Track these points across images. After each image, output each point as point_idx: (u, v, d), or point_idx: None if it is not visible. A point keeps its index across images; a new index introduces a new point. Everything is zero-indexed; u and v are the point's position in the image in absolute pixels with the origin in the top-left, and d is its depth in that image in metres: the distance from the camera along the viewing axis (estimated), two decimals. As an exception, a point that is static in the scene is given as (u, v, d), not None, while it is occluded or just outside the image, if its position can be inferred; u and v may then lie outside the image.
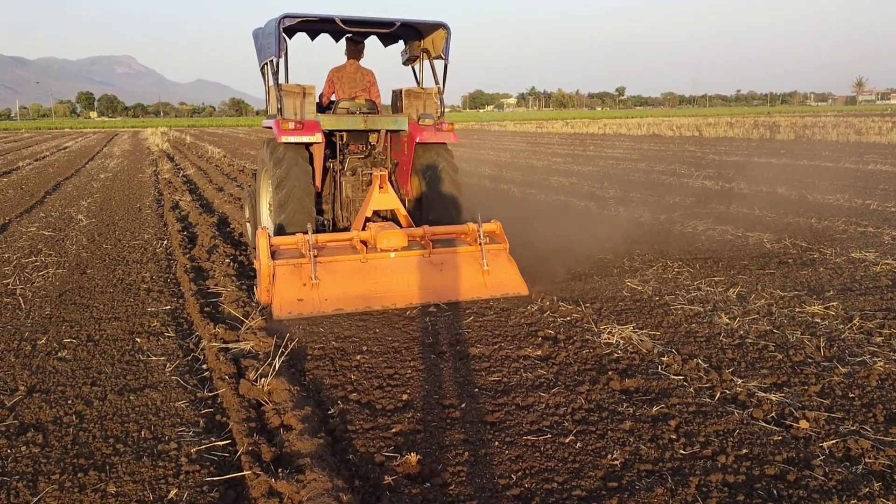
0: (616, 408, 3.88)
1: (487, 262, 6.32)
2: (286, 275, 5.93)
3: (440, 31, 7.27)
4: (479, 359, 4.67)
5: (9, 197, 14.08)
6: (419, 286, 6.15)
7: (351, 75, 7.59)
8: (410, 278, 6.17)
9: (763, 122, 46.79)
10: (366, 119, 7.20)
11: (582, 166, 19.57)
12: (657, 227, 9.44)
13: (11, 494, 3.07)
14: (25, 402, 4.06)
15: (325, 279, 5.95)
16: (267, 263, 5.92)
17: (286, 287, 5.87)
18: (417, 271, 6.24)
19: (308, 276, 5.92)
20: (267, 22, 7.15)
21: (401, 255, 6.26)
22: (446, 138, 7.29)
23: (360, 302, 5.95)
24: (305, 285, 5.90)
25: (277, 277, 5.91)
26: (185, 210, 11.62)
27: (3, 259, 7.96)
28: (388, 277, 6.14)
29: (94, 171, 20.57)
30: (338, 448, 3.51)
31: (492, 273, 6.34)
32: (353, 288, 6.01)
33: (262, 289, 5.96)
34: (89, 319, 5.66)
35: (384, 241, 6.20)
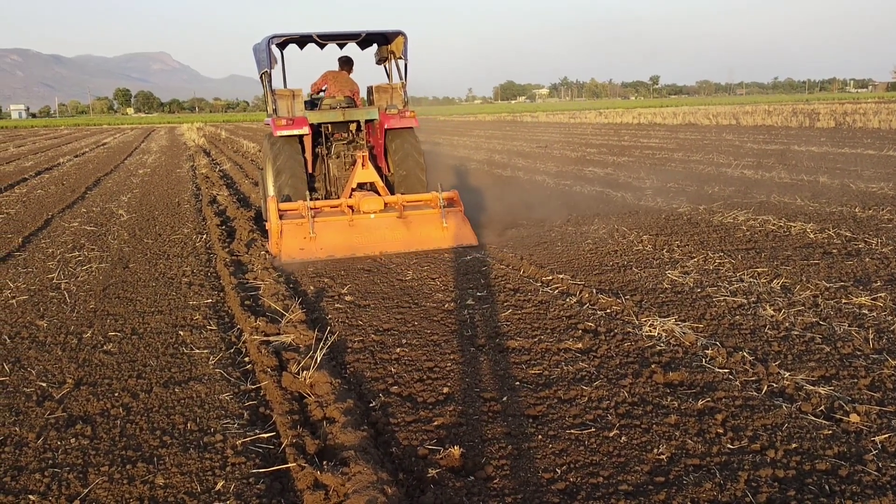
0: (660, 401, 3.83)
1: (446, 221, 8.11)
2: (291, 230, 7.69)
3: (400, 37, 8.99)
4: (519, 352, 4.65)
5: (51, 193, 14.36)
6: (393, 239, 7.96)
7: (342, 79, 9.53)
8: (386, 233, 7.98)
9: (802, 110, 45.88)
10: (344, 112, 9.03)
11: (617, 157, 19.37)
12: (696, 217, 9.31)
13: (63, 486, 3.13)
14: (73, 394, 4.14)
15: (320, 234, 7.75)
16: (276, 223, 7.70)
17: (290, 240, 7.65)
18: (391, 228, 8.04)
19: (307, 232, 7.68)
20: (261, 40, 8.86)
21: (379, 216, 8.05)
22: (409, 123, 8.92)
23: (348, 250, 7.75)
24: (305, 238, 7.68)
25: (284, 233, 7.67)
26: (223, 204, 11.76)
27: (47, 254, 8.13)
28: (369, 232, 7.94)
29: (132, 166, 20.90)
30: (381, 441, 3.52)
31: (449, 229, 8.10)
32: (342, 240, 7.82)
33: (273, 242, 7.76)
34: (133, 313, 5.75)
35: (366, 206, 7.99)
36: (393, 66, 9.48)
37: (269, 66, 8.59)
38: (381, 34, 9.12)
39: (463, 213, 8.27)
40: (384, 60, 9.59)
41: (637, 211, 10.03)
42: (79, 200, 13.10)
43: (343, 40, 9.30)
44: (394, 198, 8.23)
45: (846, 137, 23.66)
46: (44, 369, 4.54)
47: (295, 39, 9.03)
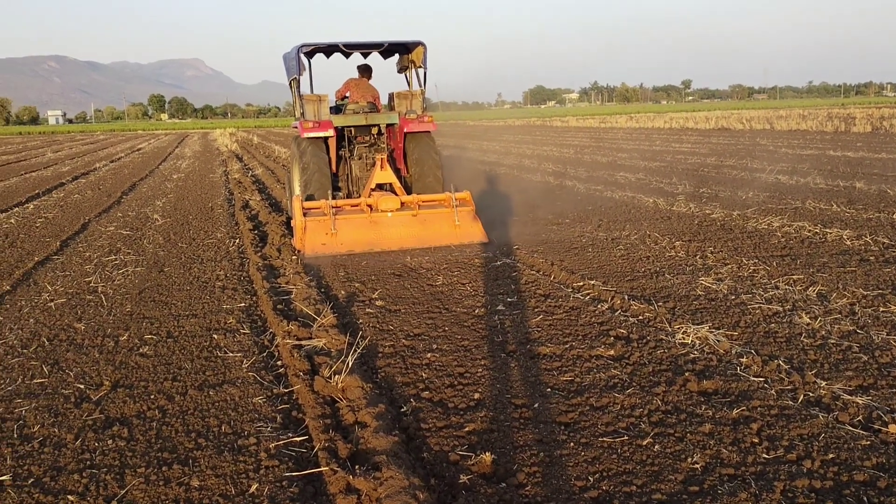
0: (694, 410, 3.79)
1: (458, 220, 8.61)
2: (314, 227, 8.24)
3: (420, 47, 9.50)
4: (550, 358, 4.63)
5: (87, 197, 14.63)
6: (408, 235, 8.46)
7: (363, 86, 10.06)
8: (402, 230, 8.49)
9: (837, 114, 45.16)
10: (366, 116, 9.61)
11: (648, 162, 19.22)
12: (730, 223, 9.20)
13: (100, 486, 3.19)
14: (110, 396, 4.21)
15: (341, 230, 8.30)
16: (301, 220, 8.23)
17: (314, 236, 8.21)
18: (407, 225, 8.54)
19: (329, 228, 8.24)
20: (291, 49, 9.44)
21: (396, 214, 8.55)
22: (427, 128, 9.50)
23: (366, 246, 8.30)
24: (327, 234, 8.24)
25: (308, 229, 8.22)
26: (255, 209, 11.88)
27: (84, 258, 8.28)
28: (386, 229, 8.46)
29: (167, 171, 21.21)
30: (412, 446, 3.53)
31: (461, 227, 8.61)
32: (361, 236, 8.35)
33: (297, 238, 8.31)
34: (168, 316, 5.83)
35: (383, 204, 8.51)
36: (413, 74, 9.98)
37: (297, 73, 9.21)
38: (402, 44, 9.63)
39: (475, 213, 8.76)
40: (405, 69, 10.09)
41: (669, 216, 9.95)
42: (115, 205, 13.32)
43: (367, 49, 9.89)
44: (410, 197, 8.76)
45: (883, 142, 23.23)
46: (81, 371, 4.63)
47: (322, 48, 9.66)
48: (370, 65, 10.29)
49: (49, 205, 13.52)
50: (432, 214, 8.67)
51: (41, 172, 21.94)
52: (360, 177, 9.90)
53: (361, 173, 9.89)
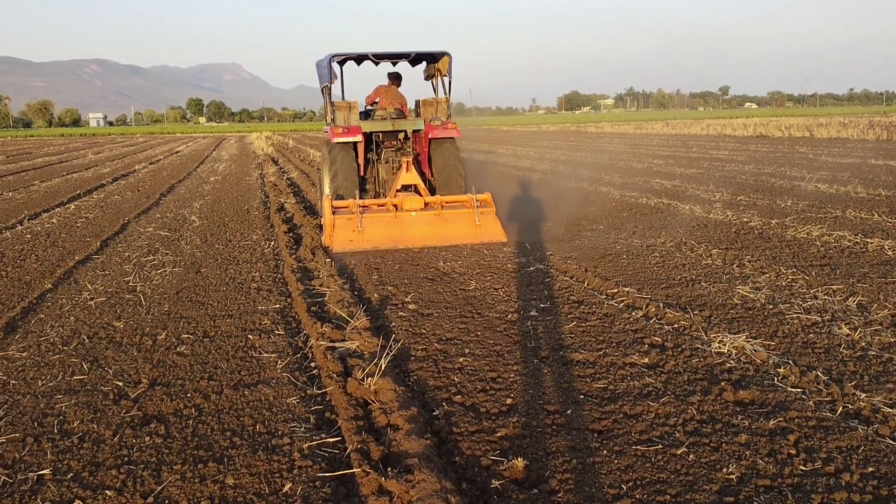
0: (730, 420, 3.74)
1: (479, 220, 9.00)
2: (342, 225, 8.72)
3: (445, 57, 10.06)
4: (583, 364, 4.61)
5: (127, 199, 14.90)
6: (431, 234, 8.89)
7: (392, 93, 10.68)
8: (425, 229, 8.91)
9: (879, 122, 44.25)
10: (393, 122, 10.23)
11: (685, 168, 19.02)
12: (768, 231, 9.06)
13: (137, 483, 3.24)
14: (148, 394, 4.28)
15: (367, 228, 8.75)
16: (330, 218, 8.74)
17: (342, 233, 8.68)
18: (430, 224, 8.96)
19: (356, 226, 8.70)
20: (323, 57, 9.94)
21: (419, 213, 8.97)
22: (451, 134, 9.97)
23: (391, 243, 8.73)
24: (354, 231, 8.70)
25: (336, 226, 8.70)
26: (290, 212, 12.00)
27: (124, 258, 8.43)
28: (410, 228, 8.89)
29: (204, 174, 21.52)
30: (444, 450, 3.53)
31: (481, 227, 9.00)
32: (386, 234, 8.79)
33: (327, 235, 8.79)
34: (205, 316, 5.92)
35: (408, 204, 8.95)
36: (439, 82, 10.53)
37: (329, 81, 9.77)
38: (429, 54, 10.19)
39: (495, 214, 9.14)
40: (431, 77, 10.66)
41: (706, 224, 9.83)
42: (153, 206, 13.55)
43: (396, 59, 10.54)
44: (433, 198, 9.24)
45: (928, 151, 22.69)
46: (120, 369, 4.71)
47: (353, 57, 10.31)
48: (400, 73, 10.84)
49: (90, 205, 13.80)
50: (454, 214, 9.07)
51: (82, 173, 22.40)
52: (386, 179, 10.47)
53: (388, 176, 10.46)
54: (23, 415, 4.00)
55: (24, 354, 5.02)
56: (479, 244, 8.74)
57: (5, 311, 6.15)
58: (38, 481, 3.26)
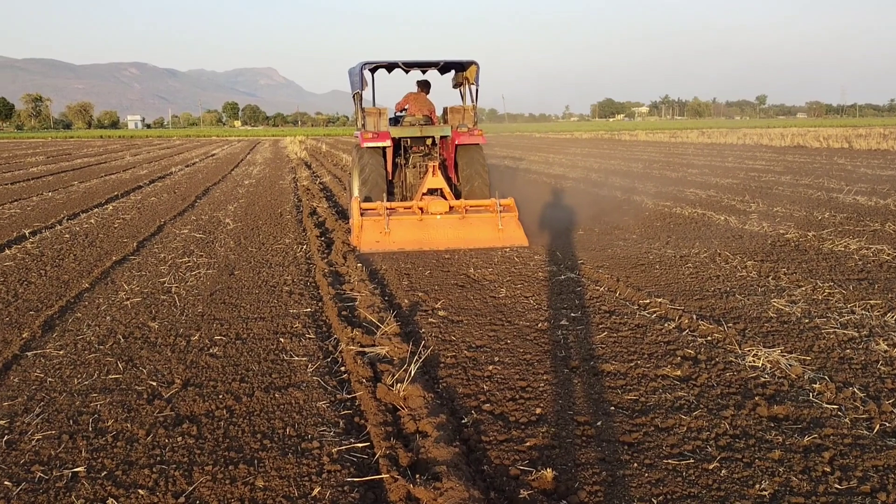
0: (764, 435, 3.68)
1: (501, 224, 9.22)
2: (369, 226, 9.07)
3: (473, 66, 10.42)
4: (614, 376, 4.57)
5: (164, 200, 15.13)
6: (454, 237, 9.16)
7: (421, 100, 11.01)
8: (449, 232, 9.18)
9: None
10: (421, 129, 10.57)
11: (720, 178, 18.80)
12: (805, 244, 8.92)
13: (170, 482, 3.28)
14: (181, 394, 4.34)
15: (394, 229, 9.07)
16: (358, 219, 9.09)
17: (369, 234, 9.03)
18: (454, 227, 9.22)
19: (383, 227, 9.04)
20: (355, 65, 10.29)
21: (444, 217, 9.26)
22: (477, 140, 10.29)
23: (416, 244, 9.02)
24: (381, 233, 9.03)
25: (364, 228, 9.05)
26: (322, 216, 12.09)
27: (159, 259, 8.56)
28: (435, 231, 9.16)
29: (238, 177, 21.77)
30: (472, 458, 3.53)
31: (504, 231, 9.21)
32: (412, 236, 9.09)
33: (355, 235, 9.11)
34: (237, 318, 5.98)
35: (433, 208, 9.26)
36: (467, 90, 10.92)
37: (360, 88, 10.18)
38: (457, 63, 10.54)
39: (517, 218, 9.36)
40: (459, 85, 11.02)
41: (741, 235, 9.70)
42: (189, 208, 13.74)
43: (425, 67, 10.85)
44: (458, 202, 9.50)
45: (972, 163, 22.15)
46: (154, 369, 4.78)
47: (384, 65, 10.62)
48: (429, 81, 11.24)
49: (127, 206, 14.03)
50: (478, 218, 9.34)
51: (120, 175, 22.80)
52: (413, 183, 10.84)
53: (415, 180, 10.80)
54: (59, 412, 4.08)
55: (62, 353, 5.12)
56: (502, 247, 8.95)
57: (44, 309, 6.28)
58: (72, 478, 3.32)
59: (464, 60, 10.45)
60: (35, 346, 5.26)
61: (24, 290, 6.99)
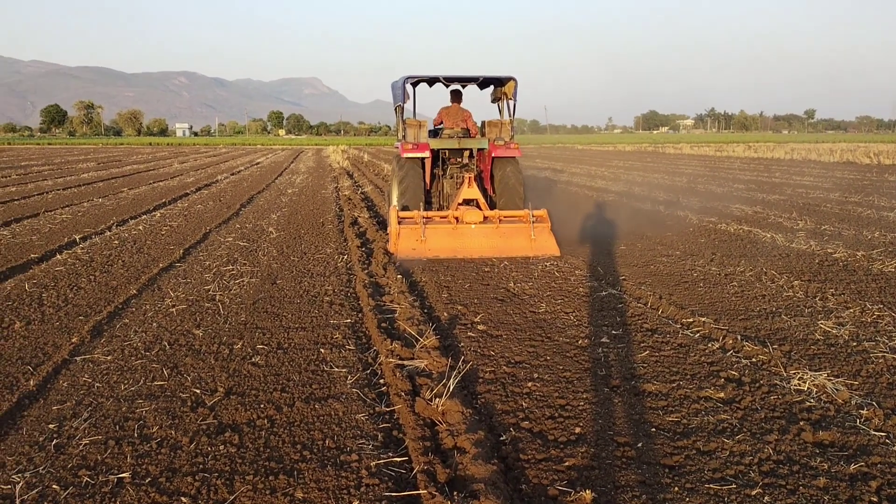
0: (808, 462, 3.60)
1: (534, 234, 9.50)
2: (406, 234, 9.40)
3: (511, 81, 10.72)
4: (656, 396, 4.51)
5: (209, 208, 15.40)
6: (488, 246, 9.48)
7: (454, 113, 11.30)
8: (483, 241, 9.50)
9: (979, 150, 42.02)
10: (459, 141, 10.93)
11: (767, 194, 18.47)
12: (853, 264, 8.71)
13: (211, 490, 3.33)
14: (223, 403, 4.40)
15: (429, 238, 9.40)
16: (396, 227, 9.47)
17: (405, 241, 9.34)
18: (488, 237, 9.54)
19: (419, 235, 9.36)
20: (398, 79, 10.70)
21: (478, 226, 9.58)
22: (513, 153, 10.68)
23: (450, 252, 9.32)
24: (417, 240, 9.36)
25: (401, 235, 9.37)
26: (364, 226, 12.18)
27: (204, 266, 8.71)
28: (469, 239, 9.49)
29: (282, 185, 22.06)
30: (510, 476, 3.51)
31: (536, 241, 9.49)
32: (446, 244, 9.40)
33: (392, 242, 9.48)
34: (279, 328, 6.06)
35: (468, 217, 9.60)
36: (505, 105, 11.28)
37: (402, 101, 10.57)
38: (496, 78, 10.94)
39: (550, 229, 9.64)
40: (498, 100, 11.38)
41: (788, 254, 9.51)
42: (234, 216, 13.97)
43: (465, 82, 11.25)
44: (492, 212, 9.83)
45: None
46: (198, 377, 4.86)
47: (425, 79, 11.13)
48: (460, 90, 11.54)
49: (174, 213, 14.32)
50: (511, 228, 9.63)
51: (168, 182, 23.29)
52: (450, 193, 11.21)
53: (452, 190, 11.18)
54: (106, 418, 4.17)
55: (109, 358, 5.24)
56: (534, 257, 9.27)
57: (93, 314, 6.43)
58: (117, 484, 3.39)
59: (502, 76, 10.80)
60: (84, 351, 5.40)
61: (74, 296, 7.17)
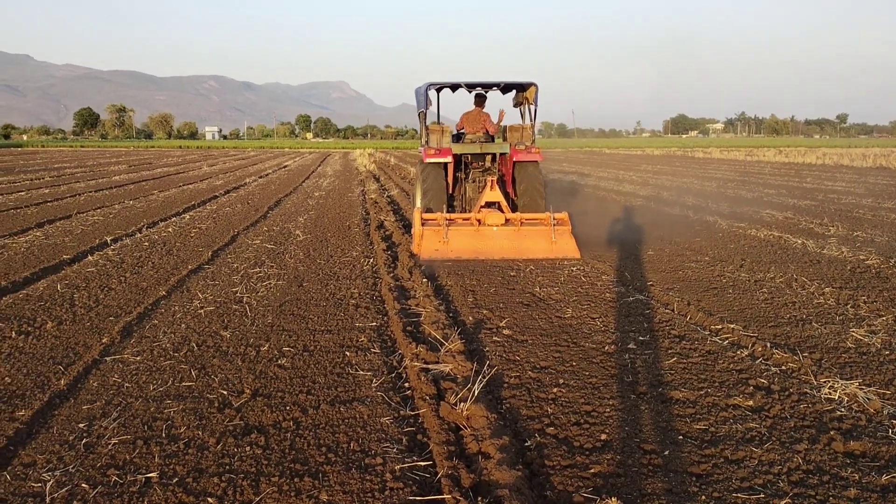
0: (839, 472, 3.54)
1: (555, 237, 9.67)
2: (430, 235, 9.65)
3: (532, 87, 11.02)
4: (683, 403, 4.46)
5: (237, 211, 15.55)
6: (509, 247, 9.65)
7: (475, 117, 11.57)
8: (504, 243, 9.70)
9: None
10: (481, 146, 11.18)
11: (798, 199, 18.22)
12: (886, 271, 8.55)
13: (237, 491, 3.36)
14: (250, 404, 4.44)
15: (452, 239, 9.64)
16: (419, 228, 9.73)
17: (429, 242, 9.59)
18: (509, 239, 9.72)
19: (442, 237, 9.62)
20: (421, 85, 11.02)
21: (500, 228, 9.77)
22: (534, 158, 10.90)
23: (472, 253, 9.53)
24: (440, 242, 9.60)
25: (424, 236, 9.63)
26: (389, 230, 12.22)
27: (232, 269, 8.79)
28: (491, 241, 9.69)
29: (309, 189, 22.22)
30: (535, 482, 3.50)
31: (557, 243, 9.65)
32: (468, 245, 9.63)
33: (416, 243, 9.71)
34: (305, 330, 6.09)
35: (490, 220, 9.81)
36: (526, 109, 11.52)
37: (425, 107, 10.93)
38: (518, 84, 11.16)
39: (570, 232, 9.81)
40: (520, 104, 11.62)
41: (819, 260, 9.37)
42: (261, 219, 14.09)
43: (487, 87, 11.48)
44: (514, 215, 10.03)
45: None
46: (225, 378, 4.91)
47: (448, 86, 11.42)
48: (484, 94, 11.70)
49: (203, 216, 14.48)
50: (532, 231, 9.83)
51: (197, 185, 23.56)
52: (472, 197, 11.56)
53: (474, 194, 11.53)
54: (134, 417, 4.22)
55: (138, 359, 5.31)
56: (554, 259, 9.46)
57: (123, 315, 6.52)
58: (145, 483, 3.43)
59: (524, 82, 11.02)
60: (114, 352, 5.47)
61: (105, 296, 7.28)
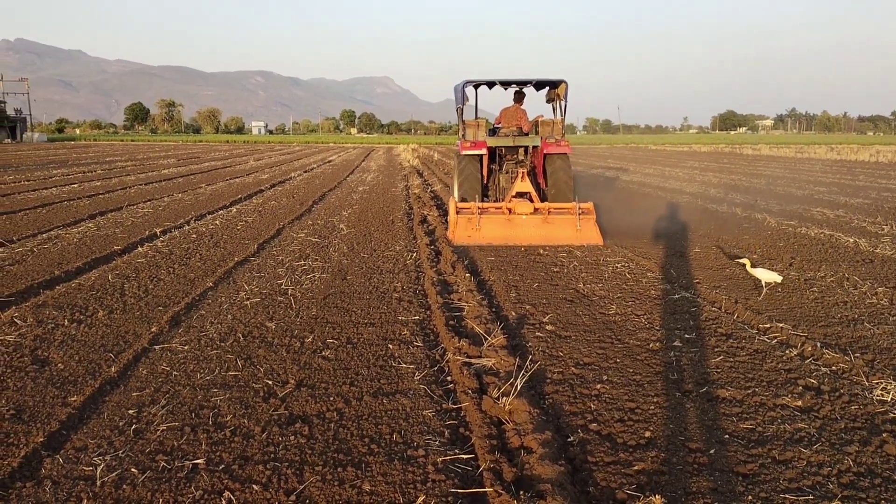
0: (891, 475, 3.45)
1: (580, 225, 10.45)
2: (463, 222, 10.57)
3: (563, 84, 11.83)
4: (730, 402, 4.39)
5: (283, 205, 15.74)
6: (537, 235, 10.46)
7: (512, 112, 12.49)
8: (533, 230, 10.51)
9: None
10: (514, 139, 12.03)
11: (850, 198, 17.76)
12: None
13: (282, 479, 3.41)
14: (294, 394, 4.50)
15: (484, 226, 10.52)
16: (454, 216, 10.64)
17: (462, 229, 10.51)
18: (537, 226, 10.53)
19: (475, 224, 10.51)
20: (459, 83, 11.78)
21: (529, 217, 10.57)
22: (563, 150, 11.63)
23: (503, 240, 10.35)
24: (473, 229, 10.49)
25: (458, 224, 10.54)
26: (432, 225, 12.25)
27: (277, 261, 8.91)
28: (521, 229, 10.51)
29: (353, 183, 22.37)
30: (578, 478, 3.48)
31: (581, 231, 10.44)
32: (499, 232, 10.48)
33: (451, 230, 10.62)
34: (349, 323, 6.14)
35: (519, 209, 10.59)
36: (558, 105, 12.24)
37: (462, 103, 11.75)
38: (549, 81, 11.94)
39: (595, 221, 10.54)
40: (552, 100, 12.36)
41: (871, 259, 9.12)
42: (306, 213, 14.23)
43: (521, 85, 12.19)
44: (542, 204, 10.79)
45: None
46: (270, 368, 4.98)
47: (484, 83, 12.09)
48: (523, 91, 12.48)
49: (249, 209, 14.69)
50: (558, 219, 10.56)
51: (244, 179, 23.90)
52: (505, 187, 12.35)
53: (507, 184, 12.30)
54: (182, 405, 4.31)
55: (186, 348, 5.41)
56: (579, 245, 10.17)
57: (171, 305, 6.66)
58: (192, 469, 3.50)
59: (555, 79, 11.85)
60: (162, 341, 5.59)
61: (154, 287, 7.44)
